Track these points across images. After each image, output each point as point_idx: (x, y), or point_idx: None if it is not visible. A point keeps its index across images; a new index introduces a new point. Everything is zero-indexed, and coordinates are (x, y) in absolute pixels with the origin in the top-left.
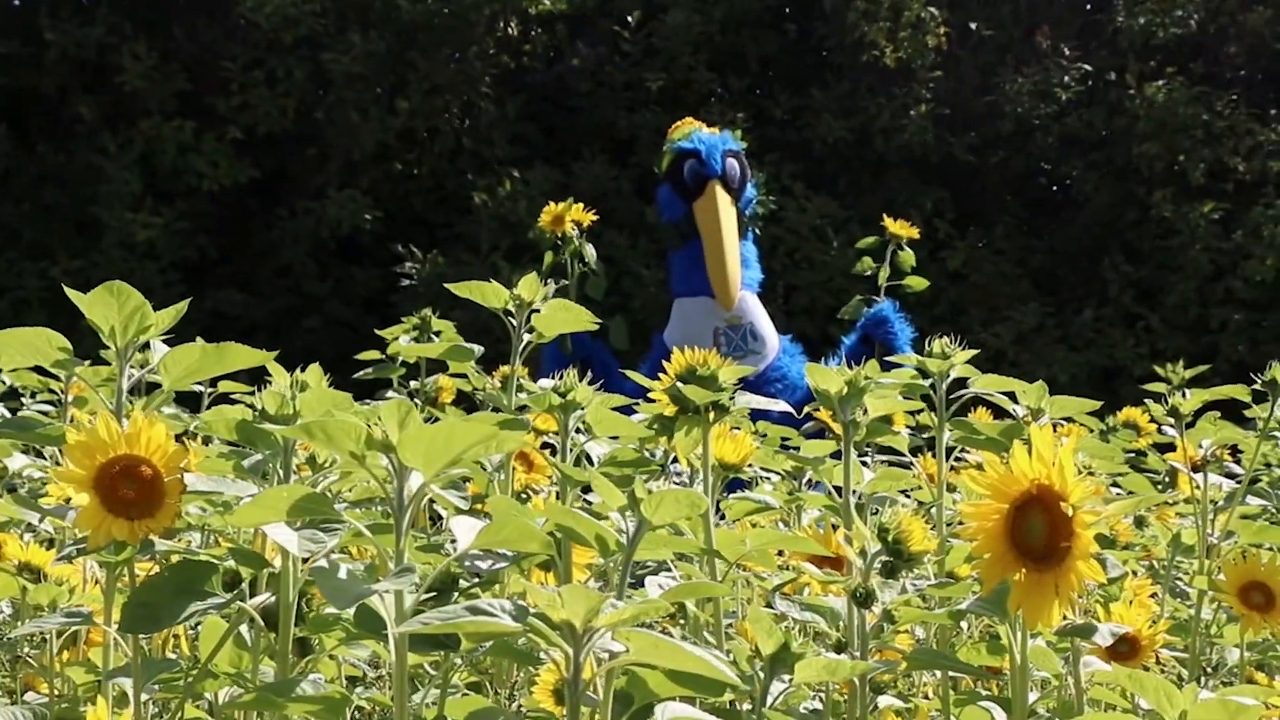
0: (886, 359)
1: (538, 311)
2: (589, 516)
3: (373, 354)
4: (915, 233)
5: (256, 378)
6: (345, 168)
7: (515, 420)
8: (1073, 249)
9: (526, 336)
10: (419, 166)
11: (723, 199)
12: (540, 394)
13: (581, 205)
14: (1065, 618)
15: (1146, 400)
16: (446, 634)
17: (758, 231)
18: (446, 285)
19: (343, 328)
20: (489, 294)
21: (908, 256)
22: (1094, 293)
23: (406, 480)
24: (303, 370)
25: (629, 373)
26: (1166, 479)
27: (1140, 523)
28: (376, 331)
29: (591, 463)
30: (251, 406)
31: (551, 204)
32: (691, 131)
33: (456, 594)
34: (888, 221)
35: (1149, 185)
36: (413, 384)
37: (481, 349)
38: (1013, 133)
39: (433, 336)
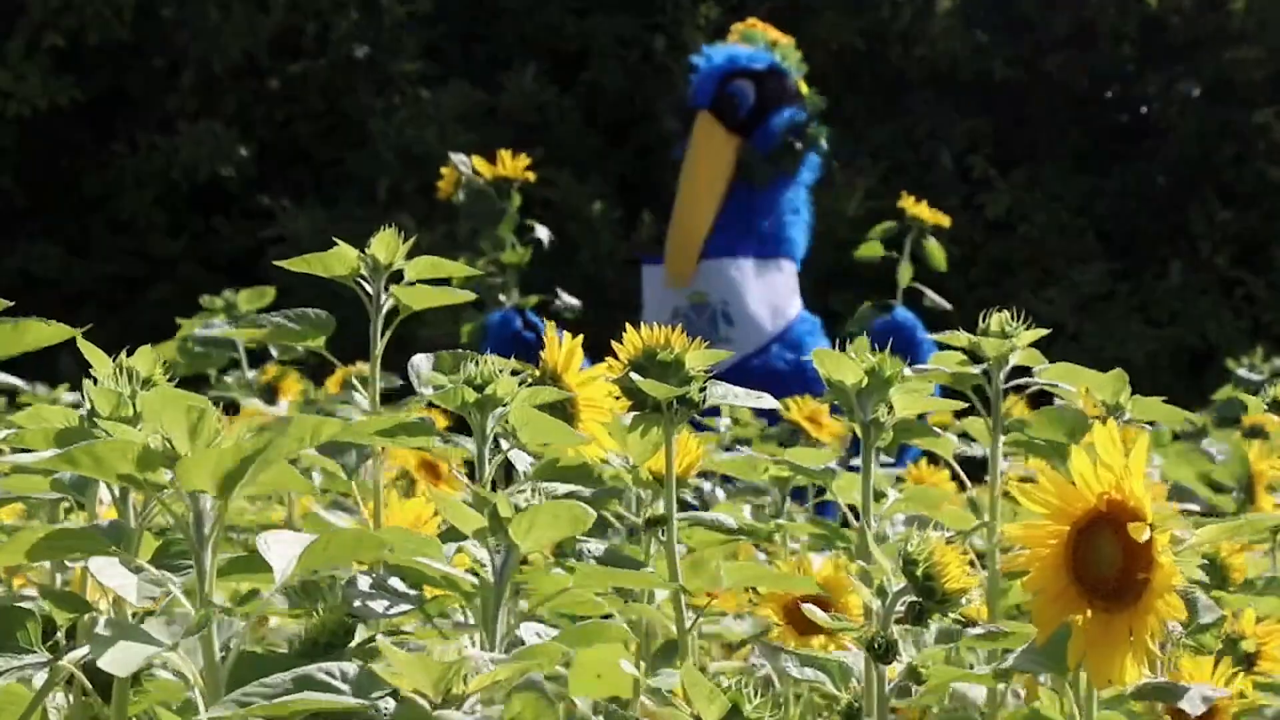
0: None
1: (400, 278)
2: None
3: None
4: (945, 219)
5: (49, 363)
6: (202, 86)
7: (419, 425)
8: (1150, 191)
9: (387, 308)
10: (301, 84)
11: (707, 136)
12: (451, 388)
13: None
14: (1146, 675)
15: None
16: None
17: (793, 175)
18: (277, 263)
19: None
20: (330, 262)
21: (936, 250)
22: (1179, 249)
23: (203, 505)
24: (129, 354)
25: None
26: None
27: None
28: (177, 320)
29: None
30: (76, 406)
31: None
32: (740, 40)
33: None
34: (907, 203)
35: (1248, 105)
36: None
37: (328, 330)
38: (1071, 39)
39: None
